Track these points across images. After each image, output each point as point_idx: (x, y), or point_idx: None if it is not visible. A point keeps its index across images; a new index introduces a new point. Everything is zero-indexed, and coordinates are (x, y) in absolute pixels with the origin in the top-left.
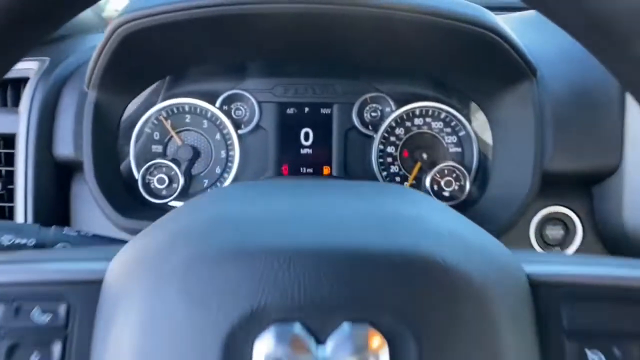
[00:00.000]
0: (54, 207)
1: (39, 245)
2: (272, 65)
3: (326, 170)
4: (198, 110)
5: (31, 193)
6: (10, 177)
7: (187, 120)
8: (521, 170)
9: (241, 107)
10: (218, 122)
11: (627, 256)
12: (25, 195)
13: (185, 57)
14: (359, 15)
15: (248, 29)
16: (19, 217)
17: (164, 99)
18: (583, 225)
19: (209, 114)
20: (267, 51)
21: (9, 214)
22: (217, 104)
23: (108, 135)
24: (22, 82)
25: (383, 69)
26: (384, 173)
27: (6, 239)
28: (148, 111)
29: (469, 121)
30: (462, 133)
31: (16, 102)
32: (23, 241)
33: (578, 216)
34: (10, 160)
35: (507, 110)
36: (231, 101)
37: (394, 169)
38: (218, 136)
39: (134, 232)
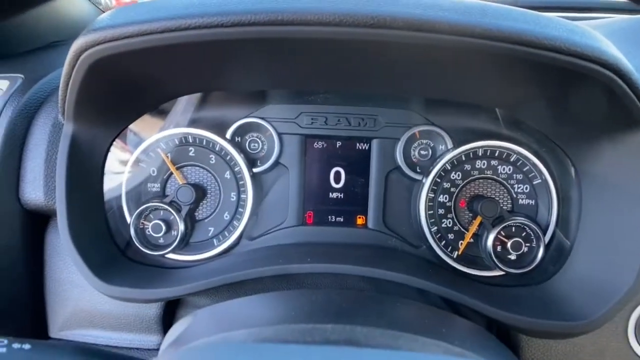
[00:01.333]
0: (22, 262)
1: None
2: (296, 89)
3: (360, 220)
4: (204, 142)
5: None
6: None
7: (191, 154)
8: (623, 247)
9: (257, 140)
10: (228, 158)
11: None
12: None
13: (179, 87)
14: (437, 43)
15: (265, 55)
16: None
17: (164, 128)
18: None
19: (217, 147)
20: (287, 81)
21: None
22: (228, 135)
23: (89, 177)
24: None
25: (440, 99)
26: (434, 228)
27: None
28: (143, 142)
29: (548, 167)
30: (537, 181)
31: None
32: None
33: None
34: None
35: (608, 165)
36: (245, 132)
37: (446, 222)
38: (228, 174)
39: (120, 298)
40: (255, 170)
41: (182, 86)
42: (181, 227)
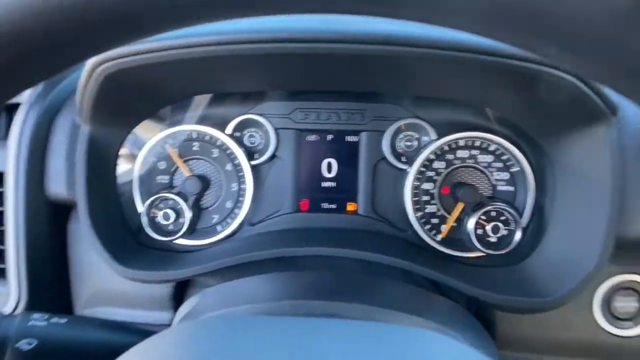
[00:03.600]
0: (49, 249)
1: None
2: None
3: (351, 206)
4: (207, 137)
5: (23, 235)
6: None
7: (196, 148)
8: (589, 230)
9: (255, 134)
10: (229, 152)
11: None
12: (17, 238)
13: (185, 91)
14: (409, 55)
15: (256, 67)
16: (11, 261)
17: (170, 125)
18: None
19: (218, 142)
20: (283, 84)
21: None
22: (228, 130)
23: (105, 172)
24: (15, 108)
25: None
26: (419, 213)
27: None
28: (152, 139)
29: (526, 157)
30: (515, 169)
31: (8, 133)
32: None
33: None
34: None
35: (577, 155)
36: (244, 127)
37: (430, 208)
38: (229, 166)
39: (136, 280)
40: (253, 162)
41: (188, 89)
42: (188, 215)
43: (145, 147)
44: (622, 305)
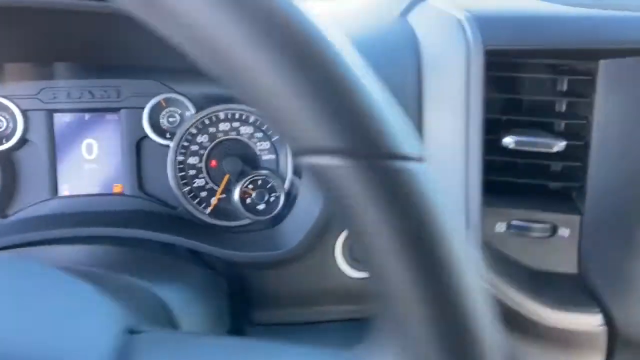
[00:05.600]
0: None
1: None
2: (34, 64)
3: (117, 188)
4: None
5: None
6: None
7: None
8: None
9: (1, 118)
10: None
11: None
12: None
13: None
14: None
15: None
16: None
17: None
18: None
19: None
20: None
21: None
22: None
23: None
24: None
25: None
26: (186, 188)
27: None
28: None
29: None
30: (275, 138)
31: None
32: None
33: None
34: None
35: None
36: None
37: (198, 182)
38: None
39: None
40: (1, 148)
41: None
42: None
43: None
44: None
